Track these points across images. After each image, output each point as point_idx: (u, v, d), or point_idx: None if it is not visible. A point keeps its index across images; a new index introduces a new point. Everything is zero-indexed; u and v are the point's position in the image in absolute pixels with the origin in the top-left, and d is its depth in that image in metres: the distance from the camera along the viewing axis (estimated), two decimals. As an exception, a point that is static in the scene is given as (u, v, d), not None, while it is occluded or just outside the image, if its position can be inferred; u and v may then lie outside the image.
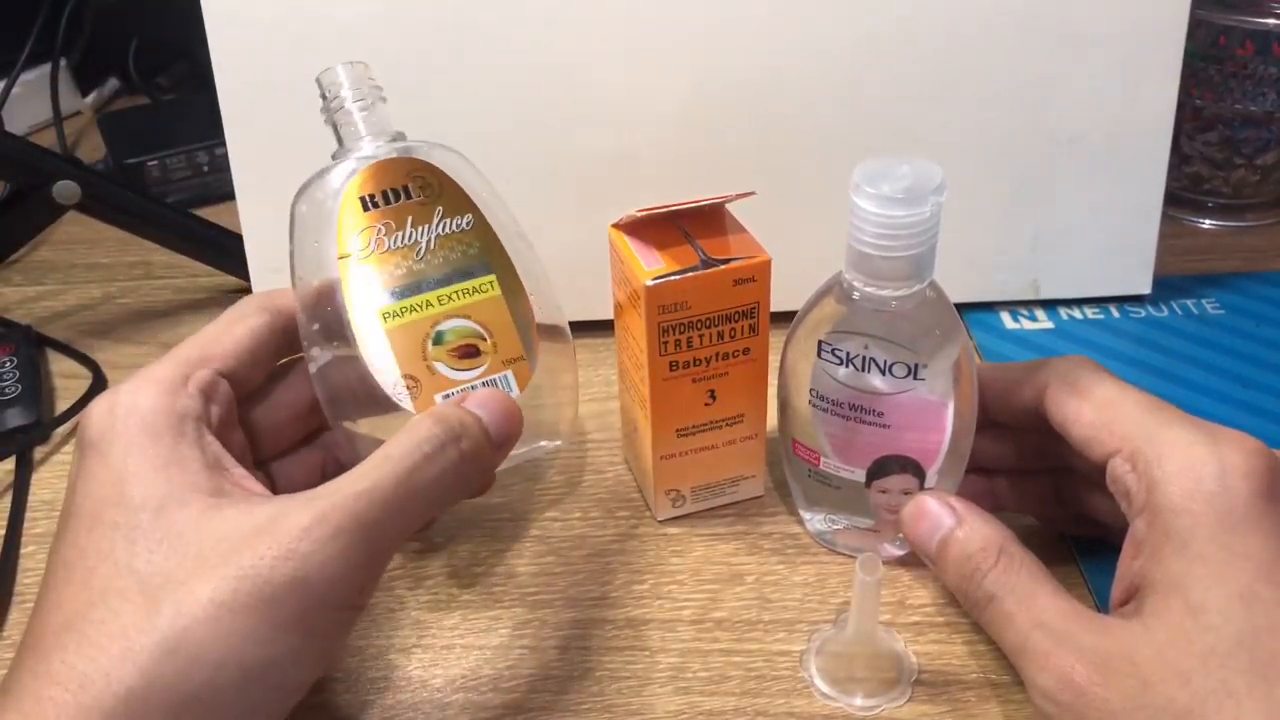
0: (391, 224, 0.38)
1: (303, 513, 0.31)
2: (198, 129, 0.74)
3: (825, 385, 0.39)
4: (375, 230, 0.38)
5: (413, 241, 0.38)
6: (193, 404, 0.34)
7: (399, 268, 0.38)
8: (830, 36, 0.52)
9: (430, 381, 0.38)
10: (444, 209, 0.38)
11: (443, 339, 0.38)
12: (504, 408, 0.36)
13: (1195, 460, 0.32)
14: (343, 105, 0.39)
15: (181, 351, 0.36)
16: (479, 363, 0.38)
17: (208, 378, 0.36)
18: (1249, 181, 0.65)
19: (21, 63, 0.80)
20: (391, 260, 0.38)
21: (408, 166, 0.39)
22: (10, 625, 0.43)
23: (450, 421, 0.34)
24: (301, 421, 0.41)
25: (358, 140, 0.39)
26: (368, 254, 0.37)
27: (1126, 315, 0.58)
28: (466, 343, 0.38)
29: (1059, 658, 0.32)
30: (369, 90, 0.40)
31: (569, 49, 0.52)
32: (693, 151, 0.54)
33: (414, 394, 0.38)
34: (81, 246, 0.69)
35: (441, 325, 0.38)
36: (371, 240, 0.37)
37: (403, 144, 0.40)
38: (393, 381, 0.37)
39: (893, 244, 0.35)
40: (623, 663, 0.40)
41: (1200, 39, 0.61)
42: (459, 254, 0.39)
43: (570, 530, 0.46)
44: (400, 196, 0.38)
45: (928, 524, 0.37)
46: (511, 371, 0.39)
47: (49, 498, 0.49)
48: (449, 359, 0.38)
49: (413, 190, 0.38)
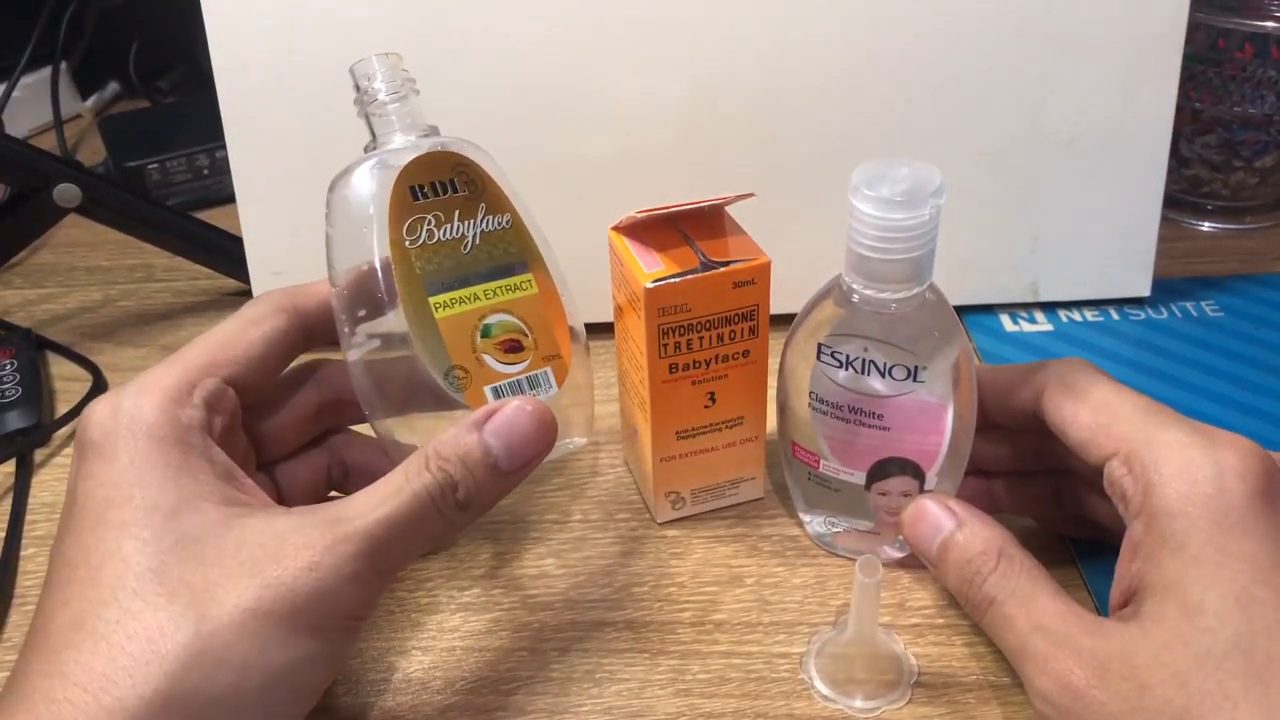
0: (440, 215, 0.38)
1: (325, 530, 0.32)
2: (198, 132, 0.74)
3: (825, 388, 0.39)
4: (426, 220, 0.38)
5: (459, 235, 0.38)
6: (196, 415, 0.34)
7: (448, 259, 0.38)
8: (829, 40, 0.52)
9: (480, 373, 0.38)
10: (486, 206, 0.39)
11: (490, 332, 0.38)
12: (523, 434, 0.34)
13: (1191, 463, 0.32)
14: (376, 98, 0.39)
15: (189, 355, 0.36)
16: (523, 357, 0.39)
17: (213, 387, 0.35)
18: (1248, 184, 0.65)
19: (22, 66, 0.80)
20: (441, 251, 0.38)
21: (452, 161, 0.39)
22: (10, 627, 0.43)
23: (451, 470, 0.33)
24: (308, 426, 0.41)
25: (391, 133, 0.39)
26: (419, 243, 0.38)
27: (1126, 317, 0.58)
28: (511, 337, 0.39)
29: (1057, 660, 0.32)
30: (403, 82, 0.39)
31: (569, 53, 0.52)
32: (693, 155, 0.54)
33: (465, 384, 0.38)
34: (82, 249, 0.69)
35: (489, 318, 0.38)
36: (422, 230, 0.38)
37: (436, 139, 0.40)
38: (444, 371, 0.38)
39: (892, 247, 0.36)
40: (623, 665, 0.40)
41: (1199, 42, 0.62)
42: (501, 250, 0.39)
43: (570, 533, 0.46)
44: (447, 190, 0.38)
45: (928, 527, 0.37)
46: (551, 368, 0.40)
47: (49, 500, 0.49)
48: (496, 352, 0.38)
49: (458, 185, 0.38)
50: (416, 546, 0.34)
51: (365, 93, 0.39)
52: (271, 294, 0.39)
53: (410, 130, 0.39)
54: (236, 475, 0.34)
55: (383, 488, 0.33)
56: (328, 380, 0.41)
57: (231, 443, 0.36)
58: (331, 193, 0.38)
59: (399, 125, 0.39)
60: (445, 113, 0.52)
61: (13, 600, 0.44)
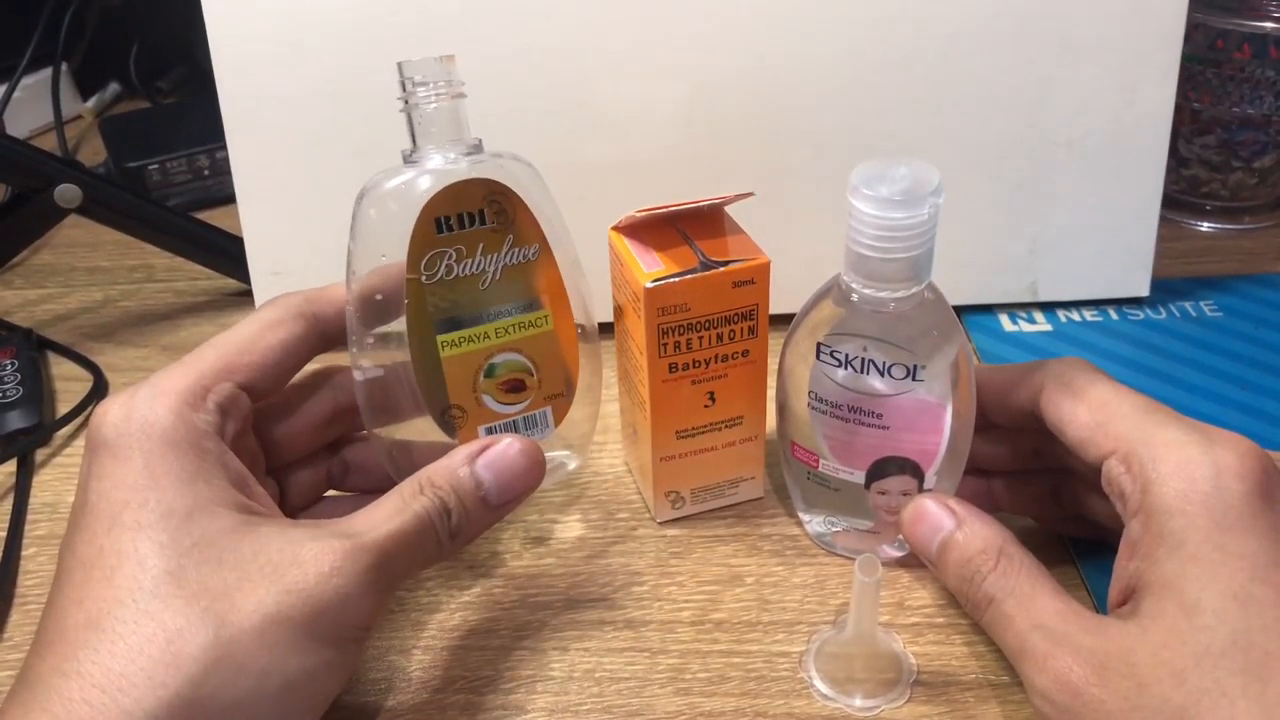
0: (463, 249, 0.37)
1: (340, 541, 0.32)
2: (198, 132, 0.74)
3: (824, 387, 0.40)
4: (447, 255, 0.37)
5: (480, 270, 0.38)
6: (210, 420, 0.34)
7: (465, 295, 0.38)
8: (828, 40, 0.52)
9: (476, 413, 0.38)
10: (514, 238, 0.38)
11: (494, 372, 0.38)
12: (514, 471, 0.36)
13: (1189, 461, 0.32)
14: (419, 103, 0.37)
15: (205, 358, 0.36)
16: (524, 397, 0.39)
17: (228, 392, 0.35)
18: (1247, 184, 0.66)
19: (23, 67, 0.81)
20: (458, 288, 0.37)
21: (485, 189, 0.37)
22: (11, 627, 0.43)
23: (446, 498, 0.35)
24: (321, 432, 0.41)
25: (429, 145, 0.38)
26: (437, 278, 0.37)
27: (1125, 317, 0.58)
28: (515, 377, 0.39)
29: (1056, 658, 0.32)
30: (450, 87, 0.37)
31: (569, 57, 0.52)
32: (692, 156, 0.54)
33: (459, 424, 0.38)
34: (82, 250, 0.69)
35: (495, 358, 0.38)
36: (441, 265, 0.37)
37: (478, 156, 0.38)
38: (440, 410, 0.38)
39: (891, 246, 0.36)
40: (623, 664, 0.40)
41: (1198, 42, 0.62)
42: (521, 285, 0.38)
43: (570, 532, 0.46)
44: (475, 221, 0.37)
45: (927, 526, 0.37)
46: (551, 408, 0.40)
47: (50, 500, 0.49)
48: (497, 392, 0.38)
49: (488, 215, 0.37)
50: (415, 565, 0.35)
51: (411, 95, 0.37)
52: (290, 298, 0.38)
53: (451, 145, 0.38)
54: (248, 483, 0.35)
55: (384, 507, 0.34)
56: (343, 387, 0.41)
57: (242, 447, 0.36)
58: (358, 204, 0.37)
59: (439, 138, 0.38)
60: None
61: (14, 600, 0.44)
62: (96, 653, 0.29)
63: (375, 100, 0.51)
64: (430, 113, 0.37)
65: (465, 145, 0.38)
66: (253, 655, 0.30)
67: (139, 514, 0.31)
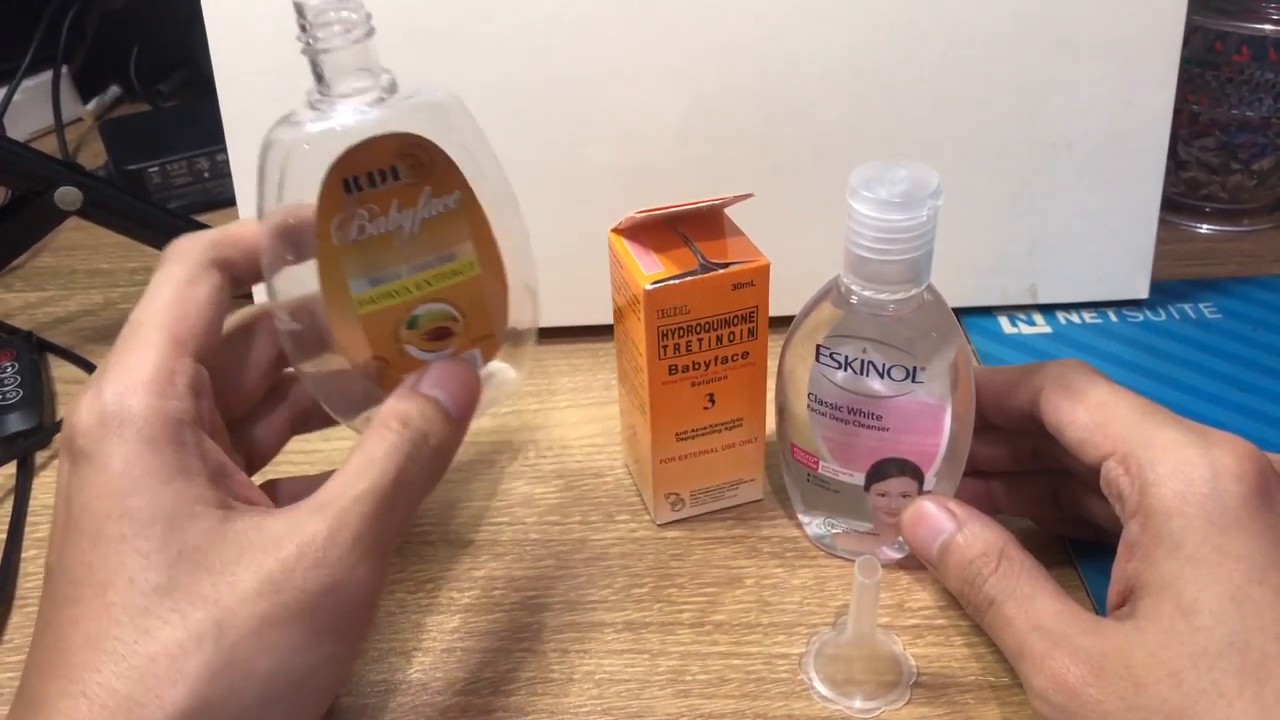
0: (376, 208, 0.35)
1: (318, 521, 0.31)
2: (199, 135, 0.74)
3: (823, 389, 0.40)
4: (358, 216, 0.35)
5: (396, 227, 0.35)
6: (185, 407, 0.33)
7: (380, 254, 0.35)
8: (828, 42, 0.52)
9: (400, 362, 0.36)
10: (432, 189, 0.35)
11: (417, 323, 0.36)
12: (460, 380, 0.35)
13: (1187, 463, 0.33)
14: (321, 42, 0.34)
15: (151, 338, 0.33)
16: (449, 344, 0.37)
17: (191, 370, 0.33)
18: (1246, 186, 0.66)
19: (23, 70, 0.81)
20: (374, 246, 0.35)
21: (397, 145, 0.34)
22: (11, 629, 0.43)
23: (415, 423, 0.34)
24: (268, 376, 0.39)
25: (336, 87, 0.34)
26: (349, 240, 0.35)
27: (1124, 320, 0.58)
28: (439, 326, 0.37)
29: (1054, 659, 0.32)
30: (357, 22, 0.34)
31: (569, 61, 0.52)
32: (692, 158, 0.54)
33: (383, 373, 0.36)
34: (83, 252, 0.70)
35: (417, 310, 0.36)
36: (353, 228, 0.35)
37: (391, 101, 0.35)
38: (362, 361, 0.36)
39: (890, 248, 0.36)
40: (622, 665, 0.40)
41: (1196, 45, 0.62)
42: (442, 236, 0.36)
43: (570, 534, 0.46)
44: (387, 178, 0.34)
45: (927, 529, 0.37)
46: (479, 349, 0.38)
47: (50, 502, 0.49)
48: (420, 341, 0.37)
49: (401, 171, 0.34)
50: (404, 511, 0.34)
51: (311, 37, 0.34)
52: (191, 247, 0.36)
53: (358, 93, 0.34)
54: (228, 471, 0.33)
55: (354, 463, 0.33)
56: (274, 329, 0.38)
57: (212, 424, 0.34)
58: (262, 156, 0.35)
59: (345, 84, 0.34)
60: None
61: (14, 602, 0.44)
62: (100, 674, 0.29)
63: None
64: (334, 57, 0.34)
65: (377, 89, 0.35)
66: (255, 660, 0.30)
67: (121, 525, 0.30)
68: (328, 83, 0.35)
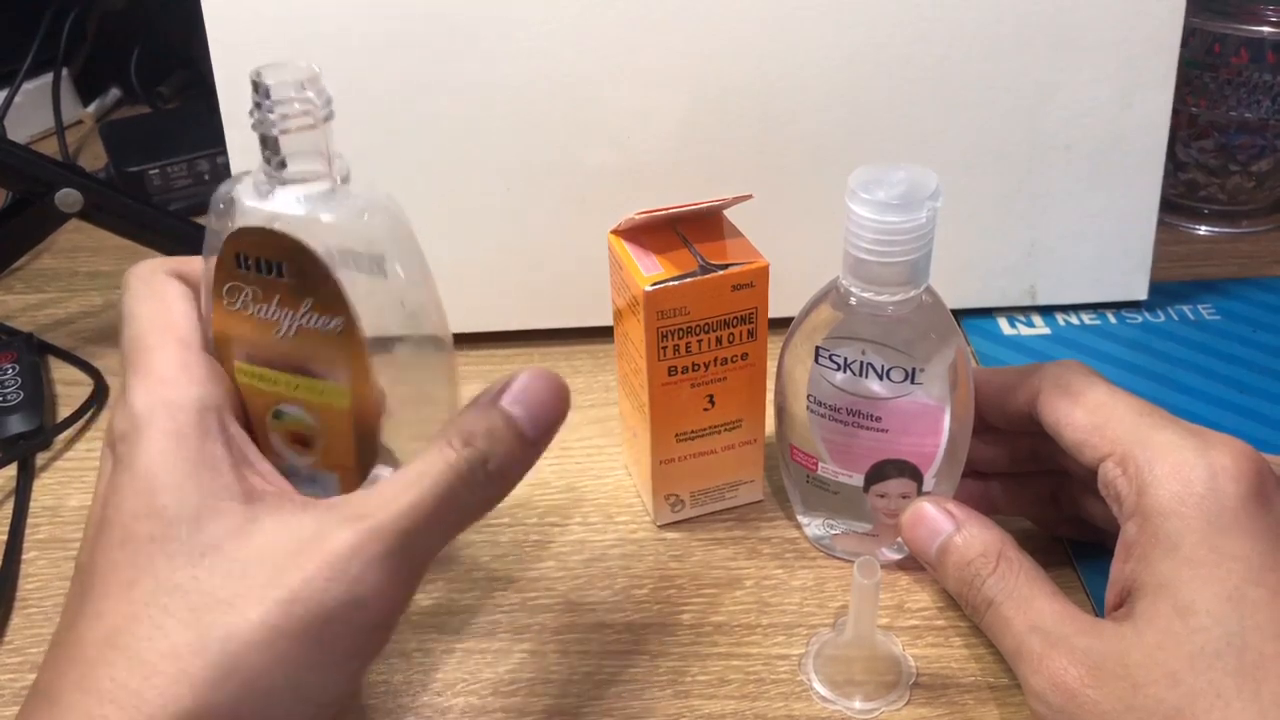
0: (259, 292, 0.33)
1: (348, 530, 0.30)
2: (199, 137, 0.74)
3: (823, 390, 0.40)
4: (244, 292, 0.34)
5: (274, 319, 0.34)
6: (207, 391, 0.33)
7: (259, 336, 0.34)
8: (826, 44, 0.52)
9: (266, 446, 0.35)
10: (314, 303, 0.33)
11: (281, 417, 0.35)
12: (545, 397, 0.33)
13: (1185, 464, 0.33)
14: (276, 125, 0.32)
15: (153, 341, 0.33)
16: (310, 454, 0.36)
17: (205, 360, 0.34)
18: (1244, 188, 0.66)
19: (24, 72, 0.81)
20: (251, 325, 0.34)
21: (290, 248, 0.32)
22: (12, 631, 0.43)
23: (478, 443, 0.32)
24: None
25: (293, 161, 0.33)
26: (235, 309, 0.34)
27: (1123, 321, 0.58)
28: (300, 431, 0.35)
29: (1052, 660, 0.32)
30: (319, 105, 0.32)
31: (569, 62, 0.52)
32: (692, 160, 0.54)
33: None
34: (83, 254, 0.70)
35: (284, 407, 0.35)
36: (239, 299, 0.34)
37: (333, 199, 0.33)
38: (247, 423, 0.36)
39: (889, 249, 0.36)
40: (622, 666, 0.40)
41: (1195, 47, 0.62)
42: (318, 353, 0.34)
43: (570, 535, 0.46)
44: (273, 271, 0.33)
45: (926, 530, 0.37)
46: (337, 475, 0.36)
47: (51, 504, 0.49)
48: (284, 436, 0.35)
49: (285, 272, 0.33)
50: (447, 532, 0.32)
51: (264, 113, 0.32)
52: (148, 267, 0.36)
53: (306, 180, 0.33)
54: (252, 458, 0.33)
55: (404, 475, 0.32)
56: None
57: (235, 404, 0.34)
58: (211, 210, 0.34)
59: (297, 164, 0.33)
60: (445, 118, 0.52)
61: (14, 604, 0.44)
62: (114, 669, 0.29)
63: (374, 107, 0.52)
64: (289, 140, 0.32)
65: (330, 177, 0.33)
66: (260, 671, 0.29)
67: (150, 524, 0.31)
68: (281, 160, 0.33)
